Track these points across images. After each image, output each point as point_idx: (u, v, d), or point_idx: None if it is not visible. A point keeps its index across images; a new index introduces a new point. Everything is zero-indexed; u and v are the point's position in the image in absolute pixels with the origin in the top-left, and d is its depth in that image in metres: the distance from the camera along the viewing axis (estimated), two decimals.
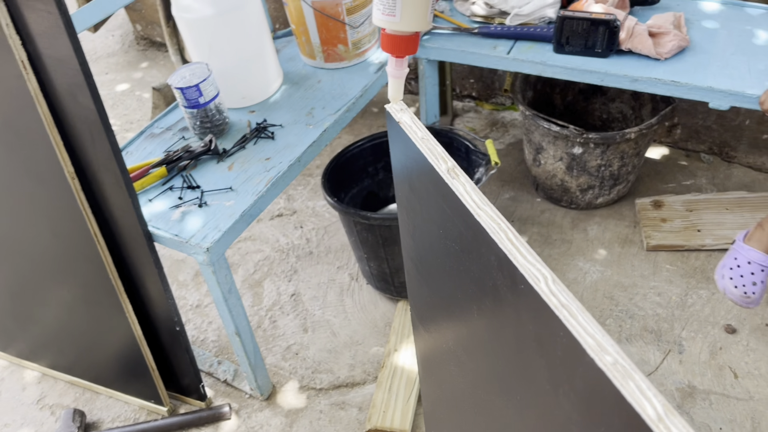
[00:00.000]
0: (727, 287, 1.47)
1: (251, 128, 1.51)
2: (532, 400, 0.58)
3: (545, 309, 0.49)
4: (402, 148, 0.72)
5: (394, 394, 1.54)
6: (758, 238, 1.49)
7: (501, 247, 0.54)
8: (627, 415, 0.41)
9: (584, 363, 0.45)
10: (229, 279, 1.33)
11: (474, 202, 0.58)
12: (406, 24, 0.65)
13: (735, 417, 1.46)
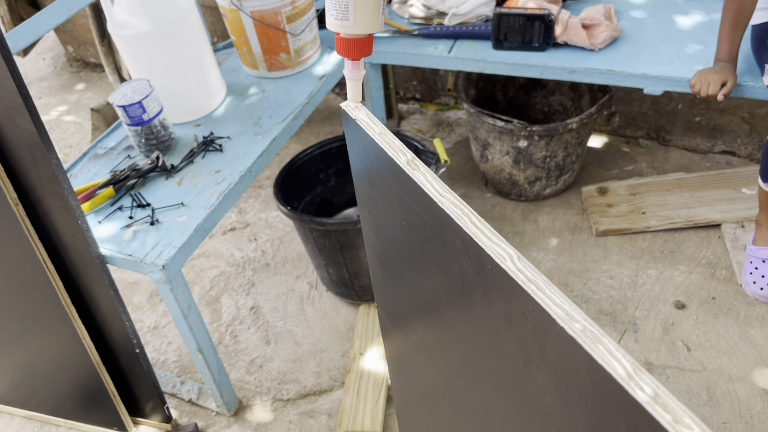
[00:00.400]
0: (755, 292, 1.54)
1: (198, 142, 1.49)
2: (505, 379, 0.59)
3: (513, 286, 0.50)
4: (360, 145, 0.72)
5: (362, 397, 1.54)
6: (761, 236, 1.56)
7: (466, 230, 0.55)
8: (599, 377, 0.43)
9: (555, 333, 0.47)
10: (188, 296, 1.31)
11: (436, 190, 0.59)
12: (360, 27, 0.65)
13: (691, 388, 1.52)
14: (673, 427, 0.38)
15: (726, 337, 1.60)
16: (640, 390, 0.41)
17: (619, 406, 0.42)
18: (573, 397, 0.48)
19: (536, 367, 0.52)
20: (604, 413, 0.45)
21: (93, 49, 2.92)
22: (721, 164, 2.09)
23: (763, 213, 1.53)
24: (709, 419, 1.45)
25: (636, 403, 0.41)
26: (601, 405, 0.45)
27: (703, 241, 1.84)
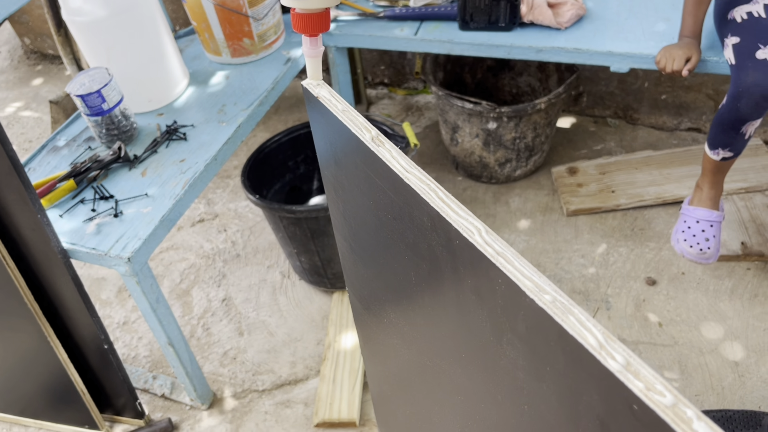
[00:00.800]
0: (684, 249, 1.55)
1: (161, 131, 1.46)
2: (477, 356, 0.58)
3: (482, 260, 0.49)
4: (323, 124, 0.70)
5: (338, 385, 1.52)
6: (699, 197, 1.58)
7: (433, 205, 0.54)
8: (570, 348, 0.42)
9: (525, 306, 0.46)
10: (155, 288, 1.28)
11: (402, 166, 0.57)
12: (318, 1, 0.63)
13: (664, 363, 1.54)
14: (646, 394, 0.38)
15: (696, 311, 1.62)
16: (612, 359, 0.40)
17: (592, 376, 0.42)
18: (545, 370, 0.47)
19: (507, 342, 0.51)
20: (577, 384, 0.44)
21: (50, 40, 2.84)
22: (688, 141, 2.11)
23: (704, 177, 1.56)
24: (681, 392, 1.46)
25: (608, 372, 0.40)
26: (573, 376, 0.44)
27: (672, 218, 1.85)
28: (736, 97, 1.34)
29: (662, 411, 0.37)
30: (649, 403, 0.37)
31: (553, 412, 0.49)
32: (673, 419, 0.36)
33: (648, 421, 0.38)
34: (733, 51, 1.37)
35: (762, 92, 1.30)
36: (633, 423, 0.40)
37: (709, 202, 1.57)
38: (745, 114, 1.35)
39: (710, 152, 1.49)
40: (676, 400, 0.37)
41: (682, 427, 0.36)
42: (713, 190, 1.57)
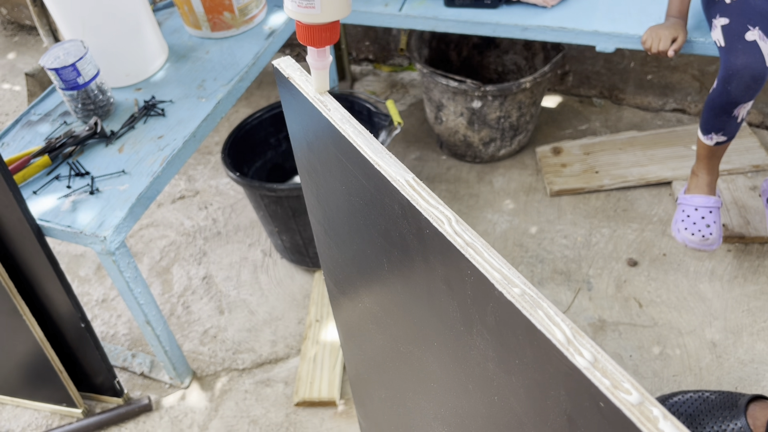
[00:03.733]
0: (686, 238, 1.54)
1: (139, 107, 1.43)
2: (448, 345, 0.58)
3: (452, 250, 0.48)
4: (295, 105, 0.69)
5: (319, 364, 1.52)
6: (696, 184, 1.57)
7: (403, 193, 0.53)
8: (538, 342, 0.41)
9: (493, 298, 0.45)
10: (132, 266, 1.26)
11: (372, 151, 0.56)
12: (328, 14, 0.57)
13: (643, 344, 1.55)
14: (612, 392, 0.37)
15: (676, 292, 1.63)
16: (579, 355, 0.39)
17: (559, 372, 0.41)
18: (514, 363, 0.47)
19: (477, 333, 0.50)
20: (545, 379, 0.43)
21: (27, 10, 2.77)
22: (672, 122, 2.11)
23: (699, 163, 1.55)
24: (659, 372, 1.48)
25: (575, 369, 0.39)
26: (541, 371, 0.43)
27: (655, 199, 1.86)
28: (726, 80, 1.33)
29: (628, 409, 0.36)
30: (615, 401, 0.37)
31: (522, 405, 0.49)
32: (639, 418, 0.36)
33: (615, 419, 0.37)
34: (722, 32, 1.36)
35: (752, 74, 1.29)
36: (600, 420, 0.39)
37: (706, 188, 1.56)
38: (736, 97, 1.34)
39: (704, 137, 1.48)
40: (642, 398, 0.37)
41: (648, 426, 0.35)
42: (709, 175, 1.56)
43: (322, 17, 0.57)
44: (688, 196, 1.58)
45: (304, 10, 0.56)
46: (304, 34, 0.59)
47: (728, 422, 1.31)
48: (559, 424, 0.44)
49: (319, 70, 0.62)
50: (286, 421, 1.45)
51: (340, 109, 0.62)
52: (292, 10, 0.57)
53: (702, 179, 1.56)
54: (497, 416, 0.54)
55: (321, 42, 0.60)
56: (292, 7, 0.57)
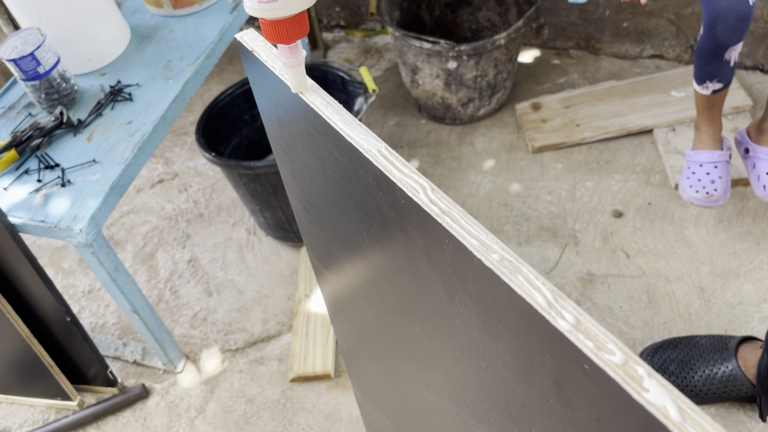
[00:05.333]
0: (691, 196, 1.52)
1: (105, 93, 1.39)
2: (433, 315, 0.57)
3: (428, 219, 0.47)
4: (262, 80, 0.66)
5: (311, 339, 1.52)
6: (700, 139, 1.55)
7: (376, 164, 0.51)
8: (520, 307, 0.41)
9: (473, 265, 0.44)
10: (113, 257, 1.24)
11: (343, 123, 0.54)
12: (293, 6, 0.51)
13: (632, 294, 1.55)
14: (596, 353, 0.36)
15: (662, 240, 1.64)
16: (562, 318, 0.38)
17: (543, 336, 0.40)
18: (498, 330, 0.46)
19: (460, 301, 0.49)
20: (529, 344, 0.42)
21: None
22: (651, 69, 2.09)
23: (699, 117, 1.53)
24: (650, 321, 1.49)
25: (558, 332, 0.38)
26: (525, 335, 0.42)
27: (637, 148, 1.85)
28: (711, 24, 1.31)
29: (613, 370, 0.36)
30: (599, 362, 0.36)
31: (509, 371, 0.48)
32: (623, 378, 0.35)
33: (600, 380, 0.37)
34: None
35: (737, 15, 1.27)
36: (586, 382, 0.38)
37: (709, 141, 1.53)
38: (724, 40, 1.32)
39: (699, 88, 1.45)
40: (626, 358, 0.36)
41: (633, 385, 0.35)
42: (711, 127, 1.53)
43: (287, 10, 0.51)
44: (693, 152, 1.55)
45: (267, 5, 0.50)
46: (271, 31, 0.53)
47: (719, 365, 1.33)
48: (546, 387, 0.43)
49: (295, 68, 0.56)
50: (283, 398, 1.46)
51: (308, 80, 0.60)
52: (252, 8, 0.51)
53: (705, 133, 1.54)
54: (486, 382, 0.54)
55: (291, 37, 0.54)
56: (252, 4, 0.51)
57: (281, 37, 0.53)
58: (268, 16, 0.51)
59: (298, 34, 0.53)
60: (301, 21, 0.53)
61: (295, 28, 0.53)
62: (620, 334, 1.47)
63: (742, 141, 1.59)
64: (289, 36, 0.53)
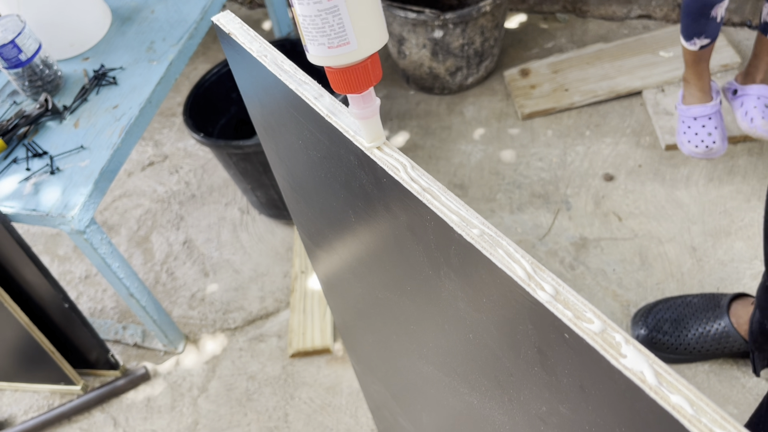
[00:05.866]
0: (691, 151, 1.52)
1: (89, 77, 1.38)
2: (420, 289, 0.58)
3: (410, 197, 0.47)
4: (241, 62, 0.66)
5: (309, 314, 1.54)
6: (690, 93, 1.55)
7: (357, 144, 0.51)
8: (501, 280, 0.41)
9: (454, 240, 0.44)
10: (106, 242, 1.25)
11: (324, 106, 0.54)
12: (366, 46, 0.44)
13: (625, 256, 1.57)
14: (575, 322, 0.37)
15: (654, 202, 1.65)
16: (541, 289, 0.39)
17: (524, 307, 0.41)
18: (482, 302, 0.47)
19: (445, 275, 0.50)
20: (512, 315, 0.43)
21: None
22: (639, 29, 2.07)
23: (688, 71, 1.53)
24: (643, 282, 1.50)
25: (538, 303, 0.39)
26: (507, 307, 0.43)
27: (627, 110, 1.85)
28: None
29: (591, 338, 0.36)
30: (578, 331, 0.37)
31: (495, 341, 0.49)
32: (602, 345, 0.36)
33: (579, 348, 0.38)
34: None
35: None
36: (567, 350, 0.39)
37: (700, 94, 1.53)
38: None
39: (687, 44, 1.45)
40: (604, 326, 0.37)
41: (611, 352, 0.36)
42: (701, 81, 1.53)
43: (361, 52, 0.44)
44: (685, 107, 1.55)
45: (338, 50, 0.44)
46: (342, 80, 0.46)
47: (712, 323, 1.35)
48: (530, 356, 0.44)
49: (369, 119, 0.48)
50: (284, 373, 1.48)
51: (286, 61, 0.60)
52: (320, 56, 0.44)
53: (694, 86, 1.54)
54: (474, 352, 0.55)
55: (364, 84, 0.46)
56: (319, 52, 0.44)
57: (353, 85, 0.46)
58: (339, 63, 0.45)
59: (372, 79, 0.46)
60: (374, 63, 0.46)
61: (368, 72, 0.45)
62: (614, 297, 1.49)
63: (731, 86, 1.59)
64: (363, 83, 0.46)
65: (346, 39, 0.43)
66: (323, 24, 0.42)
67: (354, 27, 0.43)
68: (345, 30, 0.42)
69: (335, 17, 0.41)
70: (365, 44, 0.44)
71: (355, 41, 0.43)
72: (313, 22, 0.42)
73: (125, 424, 1.45)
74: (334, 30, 0.42)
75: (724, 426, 0.31)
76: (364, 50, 0.44)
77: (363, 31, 0.43)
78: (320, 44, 0.44)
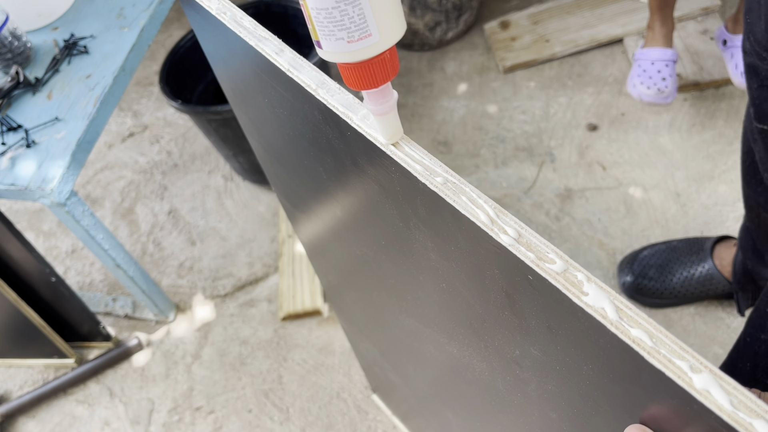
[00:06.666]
0: (641, 93, 1.51)
1: (60, 47, 1.35)
2: (393, 242, 0.58)
3: (373, 148, 0.47)
4: (202, 23, 0.65)
5: (298, 278, 1.54)
6: (652, 37, 1.54)
7: (319, 98, 0.51)
8: (466, 227, 0.41)
9: (419, 190, 0.44)
10: (89, 214, 1.24)
11: (286, 62, 0.53)
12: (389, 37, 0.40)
13: (610, 205, 1.57)
14: (538, 264, 0.37)
15: (637, 150, 1.64)
16: (504, 233, 0.39)
17: (489, 252, 0.41)
18: (451, 250, 0.47)
19: (414, 227, 0.50)
20: (479, 261, 0.43)
21: None
22: None
23: (652, 16, 1.52)
24: (628, 230, 1.51)
25: (502, 247, 0.39)
26: (474, 253, 0.43)
27: (608, 59, 1.83)
28: None
29: (554, 278, 0.37)
30: (541, 272, 0.37)
31: (466, 288, 0.49)
32: (564, 284, 0.36)
33: (543, 288, 0.38)
34: None
35: None
36: (531, 292, 0.40)
37: (662, 39, 1.53)
38: None
39: None
40: (566, 265, 0.37)
41: (573, 291, 0.36)
42: (664, 27, 1.52)
43: (382, 44, 0.40)
44: (645, 50, 1.55)
45: (358, 43, 0.40)
46: (360, 76, 0.42)
47: (696, 266, 1.36)
48: (499, 300, 0.45)
49: (385, 115, 0.44)
50: (276, 336, 1.49)
51: (246, 17, 0.59)
52: (337, 52, 0.41)
53: (657, 32, 1.53)
54: (449, 302, 0.55)
55: (383, 77, 0.43)
56: (337, 48, 0.40)
57: (371, 80, 0.42)
58: (359, 58, 0.41)
59: (391, 71, 0.42)
60: (393, 54, 0.42)
61: (387, 64, 0.41)
62: (600, 246, 1.50)
63: (721, 35, 1.58)
64: (381, 76, 0.42)
65: (367, 31, 0.39)
66: (342, 16, 0.38)
67: (375, 17, 0.39)
68: (366, 21, 0.38)
69: (355, 7, 0.38)
70: (388, 35, 0.40)
71: (377, 32, 0.39)
72: (330, 14, 0.38)
73: (121, 393, 1.47)
74: (354, 22, 0.38)
75: (683, 356, 0.32)
76: (386, 41, 0.40)
77: (385, 20, 0.39)
78: (338, 39, 0.39)
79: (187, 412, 1.40)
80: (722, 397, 0.29)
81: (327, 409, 1.35)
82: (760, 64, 0.90)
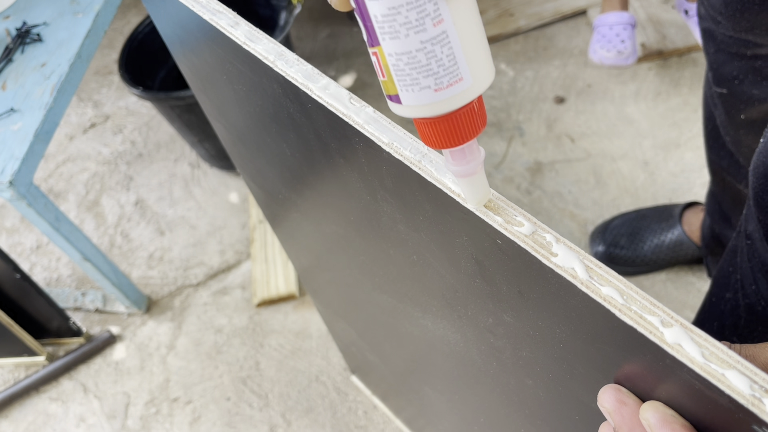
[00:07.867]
0: (602, 57, 1.50)
1: (12, 36, 1.30)
2: (362, 217, 0.57)
3: (336, 120, 0.46)
4: (155, 1, 0.62)
5: (271, 263, 1.53)
6: (608, 4, 1.53)
7: (277, 71, 0.49)
8: (432, 195, 0.41)
9: (384, 160, 0.43)
10: (51, 207, 1.21)
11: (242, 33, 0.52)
12: (480, 80, 0.33)
13: (579, 177, 1.58)
14: (506, 227, 0.37)
15: (605, 120, 1.65)
16: None
17: (456, 219, 0.40)
18: (419, 220, 0.46)
19: (382, 199, 0.49)
20: (447, 229, 0.43)
21: None
22: None
23: None
24: (599, 200, 1.53)
25: (469, 212, 0.38)
26: (442, 222, 0.43)
27: (573, 31, 1.83)
28: None
29: (522, 241, 0.36)
30: (509, 235, 0.36)
31: (436, 258, 0.49)
32: (533, 246, 0.36)
33: (512, 252, 0.37)
34: None
35: None
36: (501, 256, 0.39)
37: (618, 3, 1.52)
38: None
39: None
40: (534, 227, 0.36)
41: (543, 252, 0.35)
42: None
43: (474, 90, 0.33)
44: (602, 15, 1.55)
45: (448, 91, 0.33)
46: (443, 131, 0.35)
47: (666, 233, 1.38)
48: (470, 268, 0.44)
49: (469, 177, 0.37)
50: (251, 323, 1.47)
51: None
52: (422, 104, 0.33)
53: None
54: (420, 274, 0.54)
55: (473, 129, 0.35)
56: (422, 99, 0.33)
57: (458, 134, 0.35)
58: (445, 109, 0.33)
59: (480, 123, 0.35)
60: (480, 104, 0.34)
61: (476, 115, 0.34)
62: (571, 217, 1.51)
63: (681, 4, 1.59)
64: (470, 129, 0.35)
65: (458, 74, 0.32)
66: (428, 59, 0.31)
67: (467, 57, 0.32)
68: (456, 62, 0.32)
69: (444, 47, 0.31)
70: (481, 77, 0.33)
71: (468, 75, 0.33)
72: (414, 59, 0.32)
73: (95, 389, 1.44)
74: (442, 65, 0.32)
75: (654, 311, 0.31)
76: (479, 86, 0.33)
77: (477, 61, 0.33)
78: (423, 88, 0.32)
79: (165, 403, 1.39)
80: (694, 349, 0.29)
81: (306, 392, 1.35)
82: (716, 28, 0.91)
